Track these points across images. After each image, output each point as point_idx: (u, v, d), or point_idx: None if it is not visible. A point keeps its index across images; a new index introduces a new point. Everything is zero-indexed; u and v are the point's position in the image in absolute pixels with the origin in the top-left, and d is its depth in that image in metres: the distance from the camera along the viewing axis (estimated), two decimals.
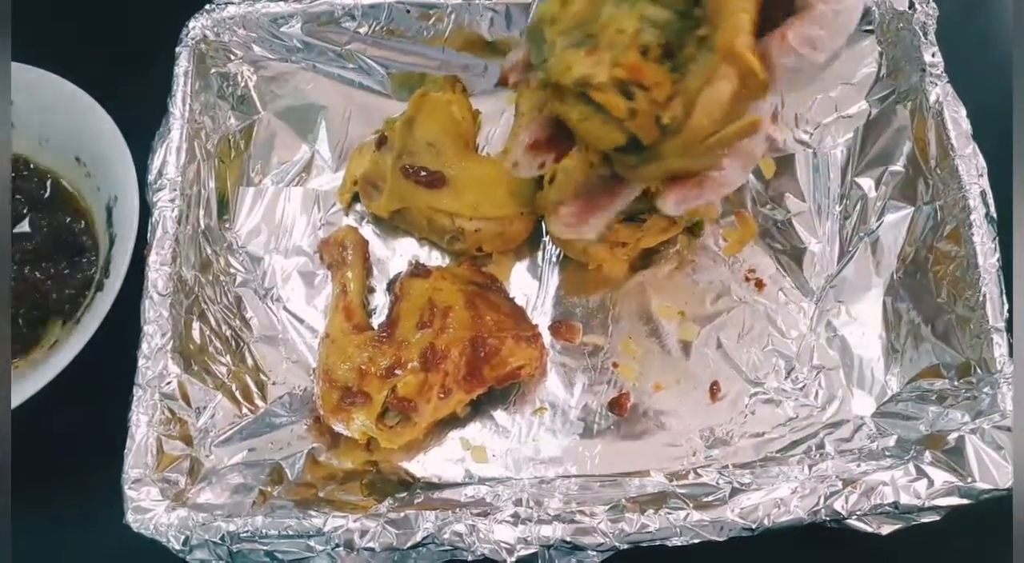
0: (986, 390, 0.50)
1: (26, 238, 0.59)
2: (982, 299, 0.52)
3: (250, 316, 0.58)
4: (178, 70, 0.59)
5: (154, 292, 0.52)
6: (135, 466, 0.47)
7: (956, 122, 0.57)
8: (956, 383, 0.52)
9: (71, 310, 0.57)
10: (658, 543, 0.46)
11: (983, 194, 0.54)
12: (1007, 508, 0.43)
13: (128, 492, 0.47)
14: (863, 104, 0.63)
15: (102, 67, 0.61)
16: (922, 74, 0.58)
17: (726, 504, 0.46)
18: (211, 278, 0.57)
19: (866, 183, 0.61)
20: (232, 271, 0.58)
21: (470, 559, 0.46)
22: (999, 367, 0.50)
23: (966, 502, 0.46)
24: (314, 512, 0.46)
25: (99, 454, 0.49)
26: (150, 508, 0.46)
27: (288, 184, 0.62)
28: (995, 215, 0.54)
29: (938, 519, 0.46)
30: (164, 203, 0.55)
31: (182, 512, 0.46)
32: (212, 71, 0.62)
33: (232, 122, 0.62)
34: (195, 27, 0.61)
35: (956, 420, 0.50)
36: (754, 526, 0.45)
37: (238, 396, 0.54)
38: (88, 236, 0.59)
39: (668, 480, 0.51)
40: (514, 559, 0.45)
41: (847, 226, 0.60)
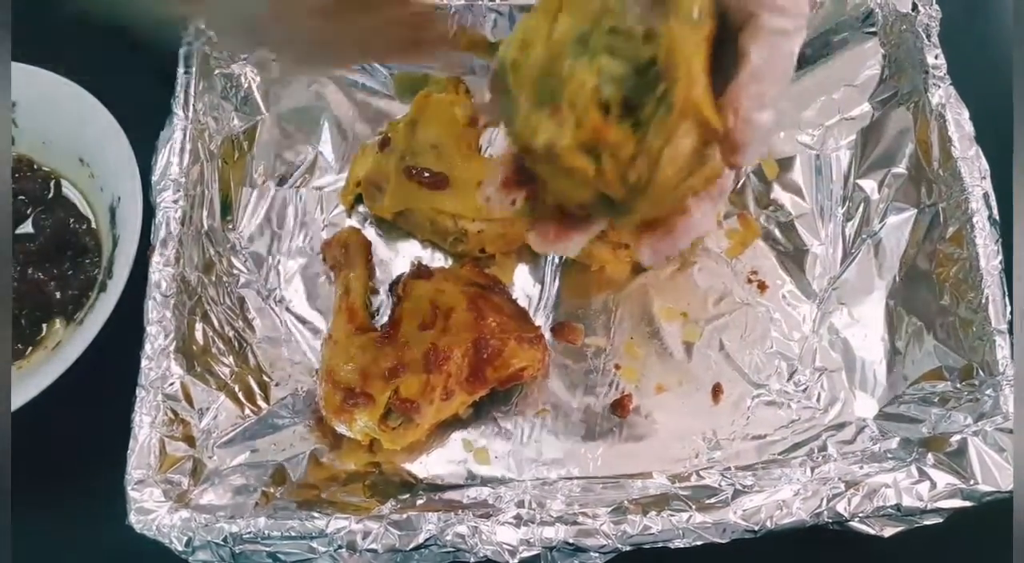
0: (988, 392, 0.50)
1: (29, 238, 0.59)
2: (984, 301, 0.52)
3: (253, 317, 0.57)
4: (182, 71, 0.59)
5: (157, 293, 0.52)
6: (138, 467, 0.47)
7: (959, 124, 0.57)
8: (958, 385, 0.52)
9: (74, 311, 0.57)
10: (660, 545, 0.46)
11: (986, 196, 0.55)
12: (1009, 510, 0.43)
13: (131, 493, 0.47)
14: (865, 106, 0.63)
15: (106, 68, 0.61)
16: (925, 76, 0.58)
17: (728, 506, 0.46)
18: (214, 279, 0.57)
19: (868, 185, 0.61)
20: (235, 272, 0.58)
21: (472, 561, 0.46)
22: (1001, 369, 0.50)
23: (968, 504, 0.46)
24: (317, 513, 0.46)
25: (102, 455, 0.49)
26: (153, 509, 0.46)
27: (291, 185, 0.62)
28: (998, 217, 0.54)
29: (940, 521, 0.46)
30: (167, 204, 0.55)
31: (185, 513, 0.46)
32: (216, 72, 0.62)
33: (235, 123, 0.62)
34: (199, 27, 0.61)
35: (958, 422, 0.50)
36: (756, 528, 0.45)
37: (241, 397, 0.54)
38: (91, 237, 0.59)
39: (670, 482, 0.51)
40: (516, 561, 0.45)
41: (849, 228, 0.60)
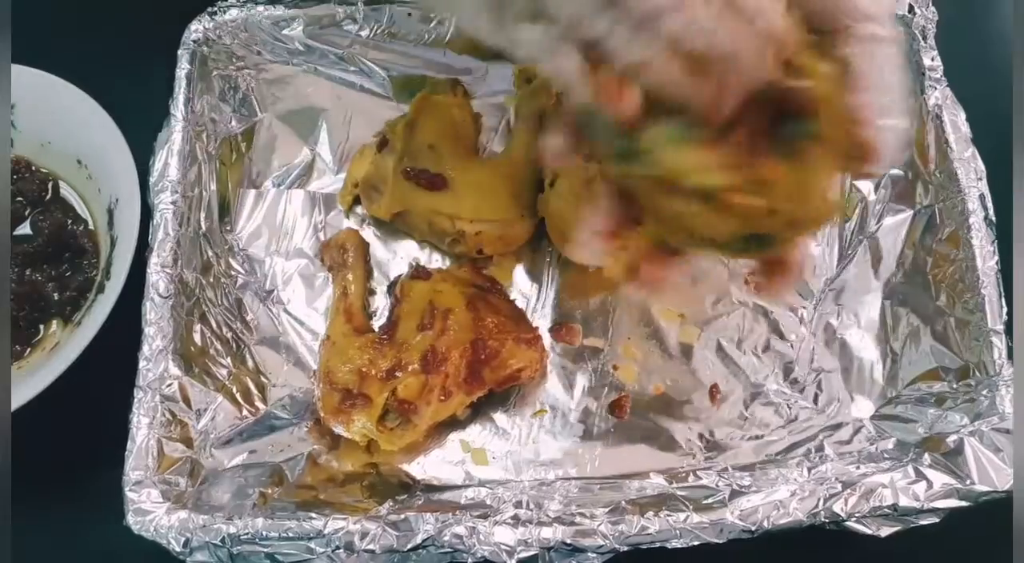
0: (985, 393, 0.50)
1: (27, 240, 0.59)
2: (981, 302, 0.52)
3: (251, 318, 0.57)
4: (180, 73, 0.59)
5: (155, 294, 0.52)
6: (136, 468, 0.47)
7: (955, 126, 0.57)
8: (955, 386, 0.52)
9: (72, 312, 0.57)
10: (658, 545, 0.46)
11: (982, 197, 0.55)
12: (1006, 511, 0.43)
13: (129, 494, 0.47)
14: None
15: (104, 70, 0.61)
16: (921, 78, 0.58)
17: (726, 506, 0.46)
18: (212, 280, 0.57)
19: (865, 186, 0.61)
20: (233, 273, 0.58)
21: (470, 561, 0.46)
22: (998, 370, 0.50)
23: (965, 504, 0.46)
24: (314, 514, 0.46)
25: (100, 456, 0.49)
26: (151, 510, 0.46)
27: (289, 187, 0.62)
28: (994, 218, 0.54)
29: (937, 521, 0.47)
30: (165, 205, 0.55)
31: (183, 514, 0.46)
32: (214, 74, 0.62)
33: (233, 124, 0.62)
34: (197, 30, 0.61)
35: (955, 422, 0.50)
36: (753, 528, 0.46)
37: (239, 398, 0.54)
38: (89, 238, 0.59)
39: (668, 482, 0.51)
40: (514, 561, 0.45)
41: (846, 229, 0.60)
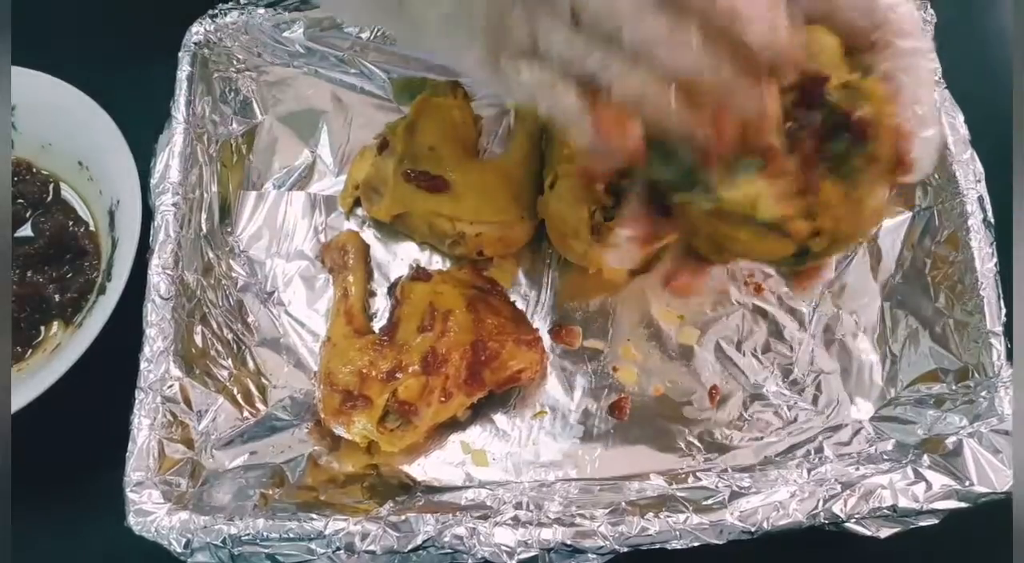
0: (983, 394, 0.50)
1: (28, 241, 0.59)
2: (980, 303, 0.52)
3: (252, 320, 0.58)
4: (181, 75, 0.60)
5: (156, 296, 0.52)
6: (137, 469, 0.48)
7: (954, 128, 0.57)
8: (954, 387, 0.53)
9: (73, 313, 0.57)
10: (658, 546, 0.46)
11: (980, 199, 0.55)
12: (1005, 512, 0.43)
13: (130, 495, 0.47)
14: None
15: (105, 72, 0.62)
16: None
17: (725, 507, 0.47)
18: (213, 282, 0.57)
19: None
20: (234, 275, 0.59)
21: (471, 562, 0.46)
22: (997, 371, 0.51)
23: (964, 505, 0.46)
24: (315, 515, 0.46)
25: (101, 457, 0.49)
26: (152, 511, 0.46)
27: (290, 188, 0.62)
28: (992, 220, 0.54)
29: (936, 523, 0.47)
30: (166, 207, 0.55)
31: (183, 515, 0.46)
32: (214, 76, 0.62)
33: (234, 126, 0.62)
34: (198, 32, 0.61)
35: (954, 424, 0.50)
36: (753, 529, 0.46)
37: (239, 399, 0.54)
38: (90, 240, 0.59)
39: (668, 484, 0.51)
40: (515, 562, 0.45)
41: None
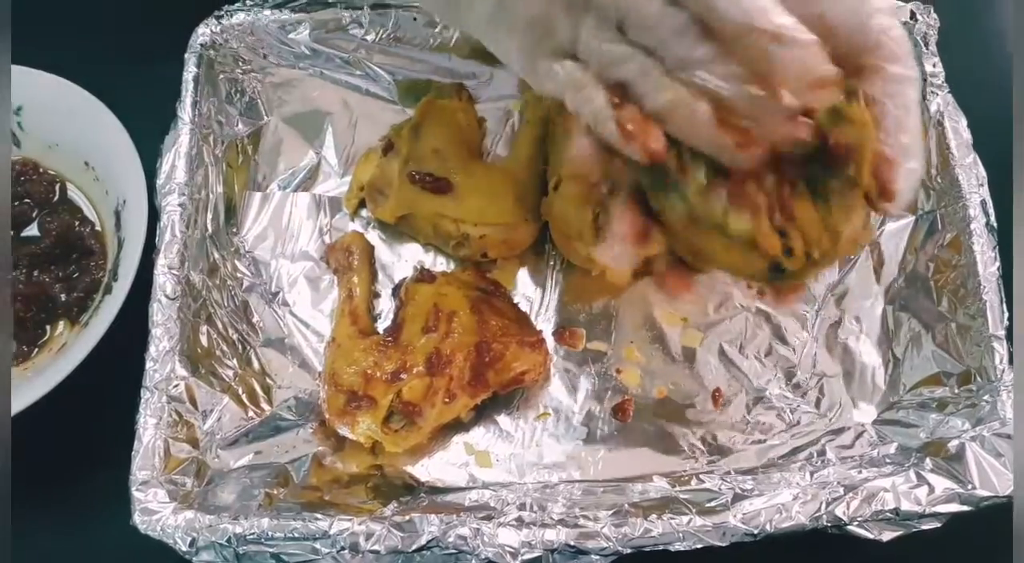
0: (986, 398, 0.51)
1: (34, 241, 0.59)
2: (982, 307, 0.52)
3: (257, 320, 0.58)
4: (187, 76, 0.60)
5: (162, 296, 0.52)
6: (143, 468, 0.48)
7: (957, 132, 0.57)
8: (956, 391, 0.53)
9: (79, 313, 0.57)
10: (661, 548, 0.46)
11: (983, 203, 0.55)
12: (1007, 515, 0.43)
13: (136, 494, 0.47)
14: None
15: (112, 73, 0.62)
16: (923, 84, 0.59)
17: (728, 509, 0.47)
18: (218, 282, 0.57)
19: None
20: (239, 275, 0.59)
21: (474, 562, 0.46)
22: (999, 375, 0.51)
23: (966, 509, 0.46)
24: (320, 515, 0.47)
25: (107, 456, 0.49)
26: (157, 510, 0.46)
27: (295, 189, 0.62)
28: (995, 224, 0.55)
29: (939, 526, 0.47)
30: (172, 207, 0.55)
31: (189, 514, 0.46)
32: (220, 77, 0.62)
33: (240, 128, 0.63)
34: (204, 33, 0.62)
35: (956, 427, 0.50)
36: (756, 531, 0.46)
37: (244, 399, 0.54)
38: (96, 240, 0.59)
39: (671, 485, 0.51)
40: (518, 562, 0.45)
41: None
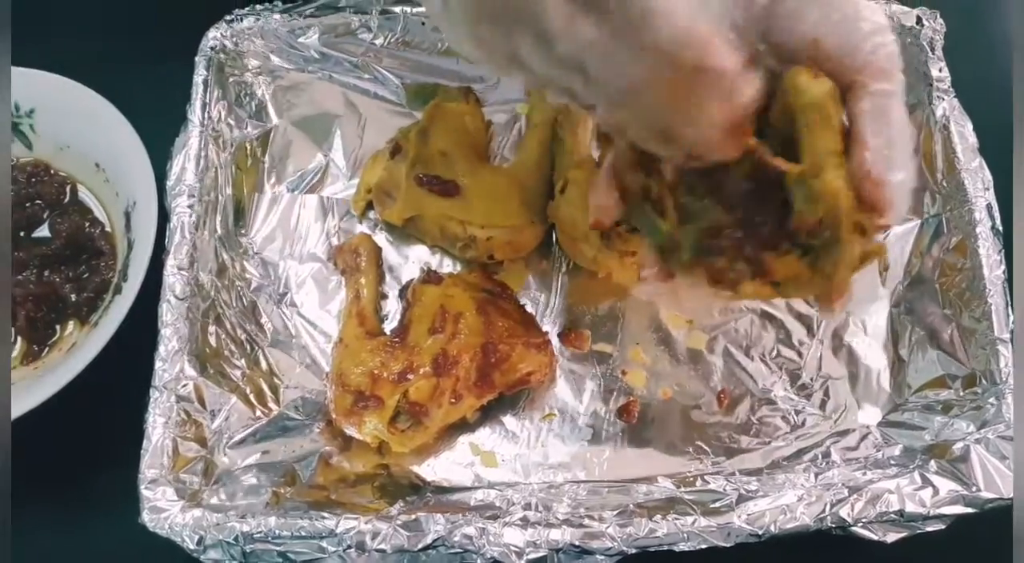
0: (991, 400, 0.51)
1: (45, 242, 0.60)
2: (987, 310, 0.52)
3: (265, 321, 0.58)
4: (197, 79, 0.60)
5: (171, 296, 0.53)
6: (151, 467, 0.48)
7: (963, 136, 0.57)
8: (962, 393, 0.53)
9: (88, 313, 0.58)
10: (665, 548, 0.46)
11: (989, 207, 0.55)
12: (1011, 517, 0.43)
13: (144, 492, 0.47)
14: None
15: (123, 75, 0.62)
16: (929, 89, 0.59)
17: (733, 510, 0.47)
18: (227, 283, 0.57)
19: None
20: (247, 276, 0.59)
21: (480, 562, 0.46)
22: (1004, 378, 0.51)
23: (971, 511, 0.46)
24: (326, 514, 0.47)
25: (115, 454, 0.50)
26: (165, 508, 0.47)
27: (303, 191, 0.63)
28: (1001, 228, 0.55)
29: (943, 528, 0.47)
30: (182, 209, 0.55)
31: (197, 512, 0.47)
32: (230, 80, 0.63)
33: (249, 130, 0.63)
34: (214, 37, 0.62)
35: (961, 430, 0.50)
36: (760, 532, 0.46)
37: (252, 399, 0.54)
38: (106, 241, 0.60)
39: (676, 486, 0.51)
40: (523, 562, 0.46)
41: None
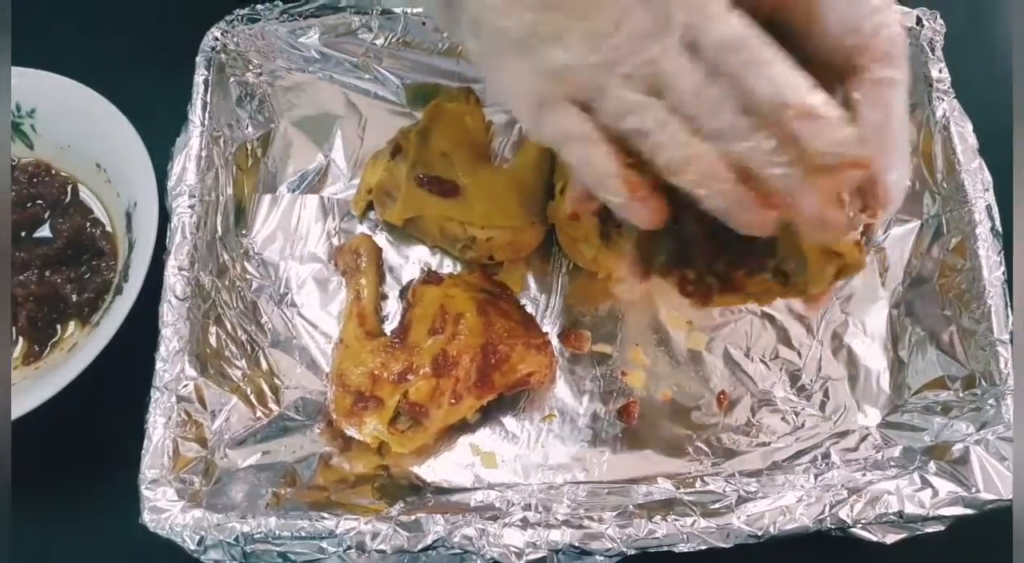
0: (990, 402, 0.51)
1: (46, 242, 0.60)
2: (987, 311, 0.53)
3: (265, 321, 0.58)
4: (198, 79, 0.60)
5: (172, 296, 0.53)
6: (152, 467, 0.48)
7: (962, 137, 0.57)
8: (961, 394, 0.53)
9: (90, 313, 0.58)
10: (665, 549, 0.46)
11: (989, 208, 0.55)
12: (1011, 519, 0.43)
13: (145, 492, 0.47)
14: None
15: (124, 75, 0.62)
16: (929, 89, 0.59)
17: (732, 512, 0.47)
18: (228, 283, 0.57)
19: None
20: (248, 277, 0.59)
21: (479, 562, 0.46)
22: (1003, 379, 0.51)
23: (970, 512, 0.46)
24: (326, 514, 0.47)
25: (116, 455, 0.50)
26: (166, 508, 0.47)
27: (304, 192, 0.63)
28: (1000, 229, 0.55)
29: (942, 529, 0.47)
30: (183, 209, 0.55)
31: (197, 513, 0.47)
32: (231, 80, 0.63)
33: (250, 130, 0.63)
34: (215, 37, 0.62)
35: (961, 431, 0.50)
36: (760, 533, 0.46)
37: (253, 399, 0.54)
38: (107, 241, 0.60)
39: (675, 487, 0.51)
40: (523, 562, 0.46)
41: None
